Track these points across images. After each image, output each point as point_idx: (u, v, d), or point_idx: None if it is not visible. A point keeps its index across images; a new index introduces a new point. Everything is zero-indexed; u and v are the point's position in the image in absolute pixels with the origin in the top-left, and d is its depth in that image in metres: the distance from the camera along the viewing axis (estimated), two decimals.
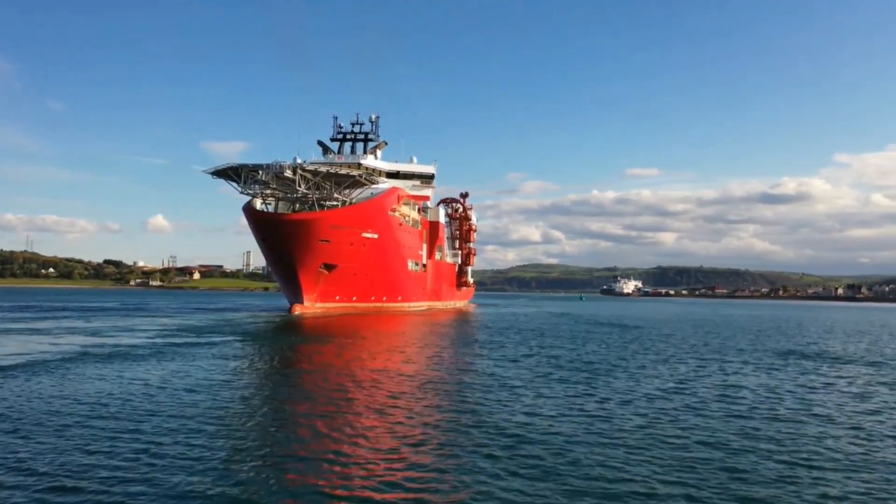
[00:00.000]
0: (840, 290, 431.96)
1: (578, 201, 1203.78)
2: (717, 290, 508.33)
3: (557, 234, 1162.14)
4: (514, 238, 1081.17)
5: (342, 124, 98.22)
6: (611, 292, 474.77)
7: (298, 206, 73.91)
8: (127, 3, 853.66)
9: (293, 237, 68.18)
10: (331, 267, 71.52)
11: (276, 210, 76.22)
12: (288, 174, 66.87)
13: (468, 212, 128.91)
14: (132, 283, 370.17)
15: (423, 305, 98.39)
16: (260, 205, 74.34)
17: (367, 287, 79.01)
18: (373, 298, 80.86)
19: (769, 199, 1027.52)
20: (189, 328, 52.01)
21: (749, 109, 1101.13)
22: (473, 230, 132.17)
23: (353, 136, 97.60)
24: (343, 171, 71.55)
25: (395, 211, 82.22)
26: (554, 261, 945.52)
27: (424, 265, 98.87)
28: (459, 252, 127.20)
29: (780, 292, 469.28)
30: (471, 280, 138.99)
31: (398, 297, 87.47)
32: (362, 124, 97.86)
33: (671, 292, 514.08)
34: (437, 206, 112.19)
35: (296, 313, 69.45)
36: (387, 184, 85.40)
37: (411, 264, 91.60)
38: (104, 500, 11.31)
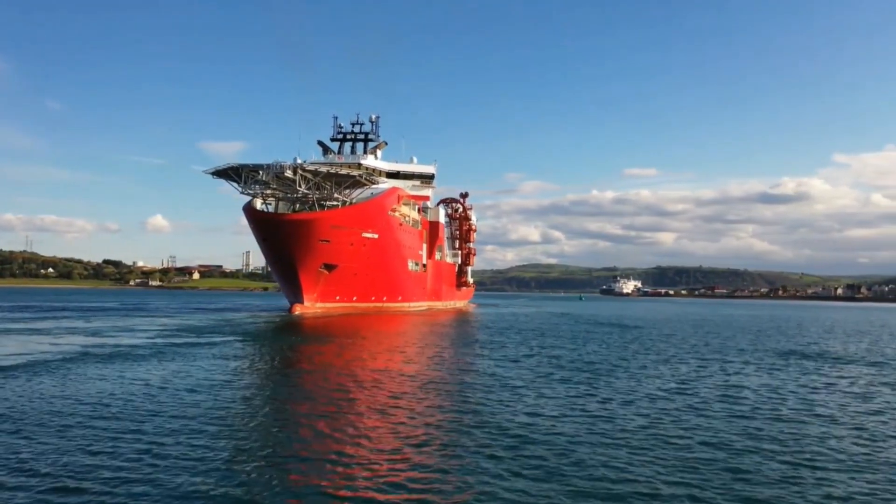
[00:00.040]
0: (839, 290, 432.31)
1: (577, 201, 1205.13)
2: (717, 290, 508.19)
3: (557, 234, 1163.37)
4: (514, 238, 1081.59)
5: (342, 124, 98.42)
6: (610, 292, 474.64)
7: (299, 206, 73.97)
8: (127, 3, 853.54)
9: (293, 237, 68.22)
10: (331, 267, 71.55)
11: (277, 210, 76.32)
12: (288, 174, 66.93)
13: (468, 212, 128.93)
14: (131, 283, 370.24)
15: (424, 305, 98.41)
16: (260, 205, 74.43)
17: (367, 287, 79.04)
18: (373, 298, 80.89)
19: (768, 199, 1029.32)
20: (189, 328, 52.00)
21: (748, 109, 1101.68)
22: (473, 230, 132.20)
23: (353, 136, 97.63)
24: (343, 172, 71.62)
25: (395, 211, 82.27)
26: (553, 261, 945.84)
27: (424, 265, 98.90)
28: (459, 252, 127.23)
29: (780, 292, 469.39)
30: (471, 280, 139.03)
31: (398, 298, 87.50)
32: (362, 124, 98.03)
33: (670, 292, 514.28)
34: (437, 206, 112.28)
35: (296, 313, 69.50)
36: (387, 184, 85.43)
37: (411, 264, 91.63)
38: (107, 500, 11.29)
